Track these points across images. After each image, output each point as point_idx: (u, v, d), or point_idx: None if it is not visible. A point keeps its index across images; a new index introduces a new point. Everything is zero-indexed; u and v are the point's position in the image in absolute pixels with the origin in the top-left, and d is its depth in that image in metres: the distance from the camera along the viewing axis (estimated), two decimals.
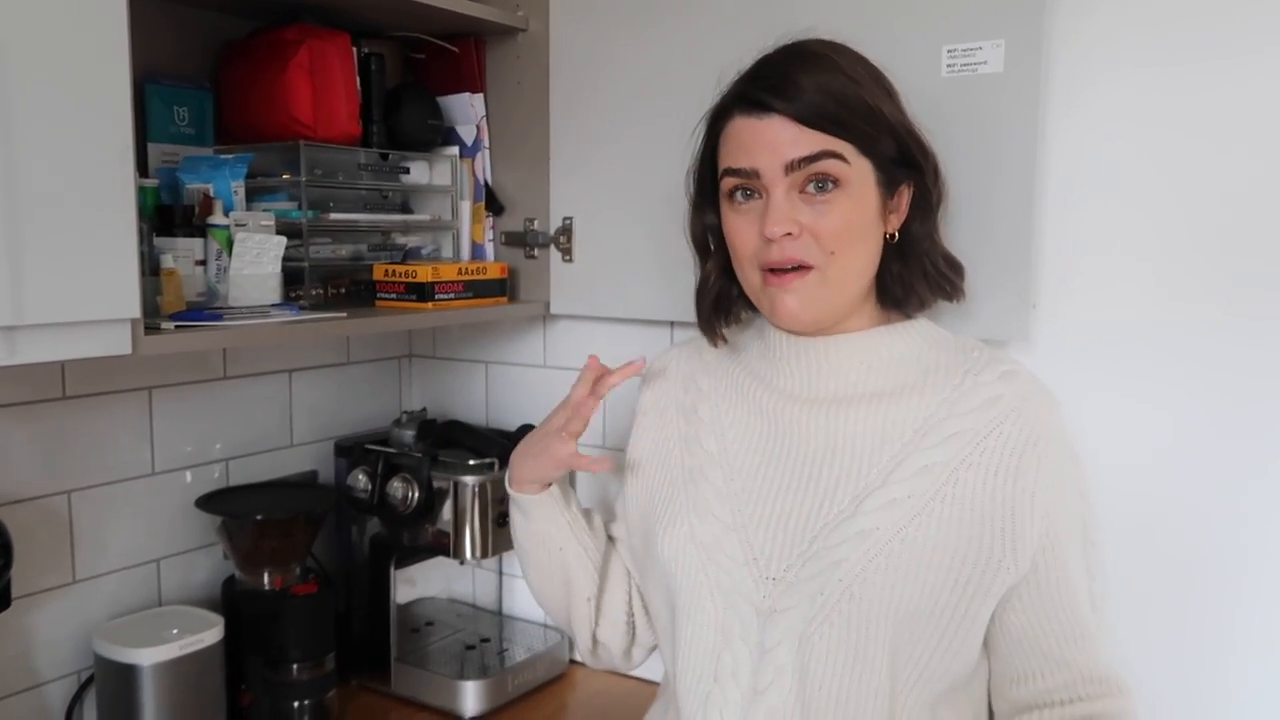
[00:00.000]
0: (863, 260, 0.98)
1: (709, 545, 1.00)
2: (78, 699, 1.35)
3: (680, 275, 1.43)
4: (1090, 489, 1.14)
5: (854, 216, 0.95)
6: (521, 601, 1.75)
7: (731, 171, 0.97)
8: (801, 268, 0.95)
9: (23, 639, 1.30)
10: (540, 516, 1.09)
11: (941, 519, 0.93)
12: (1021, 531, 0.94)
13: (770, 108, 0.94)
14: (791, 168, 0.93)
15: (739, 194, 0.98)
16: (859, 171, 0.94)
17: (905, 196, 1.00)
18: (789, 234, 0.94)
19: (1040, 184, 1.18)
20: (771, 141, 0.94)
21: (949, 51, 1.18)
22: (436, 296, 1.42)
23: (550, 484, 1.09)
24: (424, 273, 1.41)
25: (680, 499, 1.04)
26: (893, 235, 1.00)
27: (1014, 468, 0.94)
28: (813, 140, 0.93)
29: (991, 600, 0.95)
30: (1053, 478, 0.96)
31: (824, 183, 0.94)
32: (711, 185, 1.02)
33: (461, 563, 1.55)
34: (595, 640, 1.16)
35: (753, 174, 0.95)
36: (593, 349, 1.61)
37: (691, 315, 1.42)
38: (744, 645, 0.97)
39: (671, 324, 1.53)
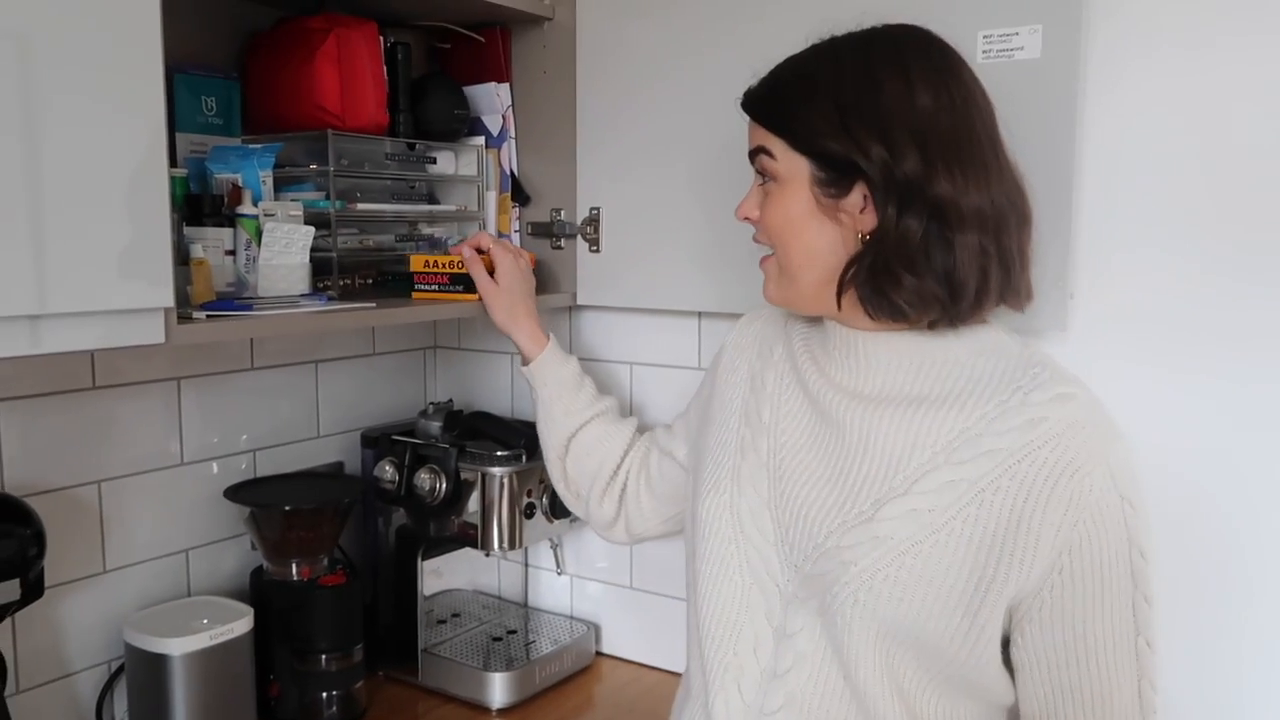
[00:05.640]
0: (805, 254, 0.97)
1: (744, 518, 1.00)
2: (108, 688, 1.35)
3: (708, 266, 1.43)
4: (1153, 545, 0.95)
5: (781, 211, 0.97)
6: (548, 594, 1.75)
7: None
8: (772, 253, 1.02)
9: (54, 629, 1.31)
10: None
11: (960, 539, 0.89)
12: (1041, 553, 0.88)
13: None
14: (750, 159, 1.00)
15: None
16: (788, 168, 0.96)
17: (863, 196, 0.93)
18: (748, 219, 1.03)
19: (1079, 172, 1.16)
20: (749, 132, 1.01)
21: (985, 37, 1.16)
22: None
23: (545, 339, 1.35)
24: None
25: (727, 465, 1.04)
26: (863, 236, 0.93)
27: (1046, 495, 0.87)
28: (755, 134, 0.99)
29: (997, 617, 0.90)
30: (1094, 513, 0.88)
31: (764, 177, 1.00)
32: None
33: (488, 554, 1.55)
34: (565, 474, 1.32)
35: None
36: (619, 339, 1.62)
37: (719, 306, 1.43)
38: (767, 624, 0.97)
39: (699, 314, 1.52)
